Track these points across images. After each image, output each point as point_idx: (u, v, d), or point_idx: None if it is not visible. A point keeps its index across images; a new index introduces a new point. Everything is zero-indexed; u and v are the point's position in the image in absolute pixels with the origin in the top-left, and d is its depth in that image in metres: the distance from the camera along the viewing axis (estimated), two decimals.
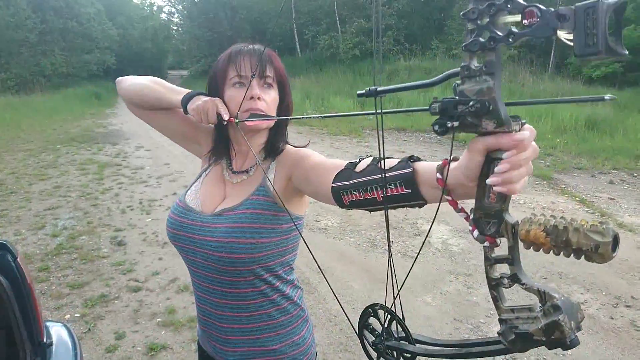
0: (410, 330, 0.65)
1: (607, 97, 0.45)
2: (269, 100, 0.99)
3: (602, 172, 6.00)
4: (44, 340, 1.43)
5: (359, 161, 0.78)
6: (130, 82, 1.15)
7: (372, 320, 0.73)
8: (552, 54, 13.13)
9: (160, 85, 1.10)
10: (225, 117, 0.96)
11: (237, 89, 0.98)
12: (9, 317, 1.33)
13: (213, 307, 1.05)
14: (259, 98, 0.96)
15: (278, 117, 1.00)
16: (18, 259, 1.35)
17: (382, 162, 0.69)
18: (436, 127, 0.52)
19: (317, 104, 12.35)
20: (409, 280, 3.39)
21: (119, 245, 4.09)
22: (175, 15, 30.70)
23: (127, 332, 2.79)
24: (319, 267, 0.80)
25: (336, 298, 0.88)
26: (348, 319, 0.78)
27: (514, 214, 0.53)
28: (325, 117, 0.84)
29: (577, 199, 4.99)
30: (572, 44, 0.42)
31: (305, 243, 0.98)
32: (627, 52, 0.43)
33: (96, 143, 9.11)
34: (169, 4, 29.89)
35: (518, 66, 12.88)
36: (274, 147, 1.06)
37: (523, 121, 0.51)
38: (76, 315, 2.98)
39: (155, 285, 3.35)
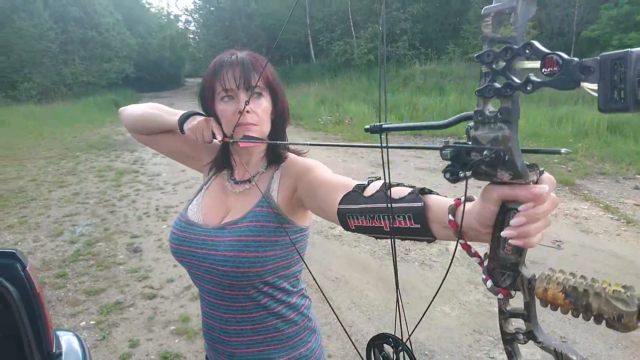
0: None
1: (563, 150, 0.47)
2: (259, 110, 0.97)
3: (627, 177, 5.80)
4: (54, 350, 1.42)
5: (368, 184, 0.75)
6: (129, 111, 1.19)
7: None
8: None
9: (157, 110, 1.13)
10: (219, 137, 0.98)
11: (227, 103, 0.98)
12: (18, 327, 1.32)
13: (217, 321, 1.04)
14: (247, 112, 0.95)
15: (271, 142, 1.01)
16: (27, 268, 1.33)
17: (390, 192, 0.66)
18: (447, 175, 0.49)
19: (331, 110, 12.33)
20: (427, 290, 3.24)
21: (134, 252, 4.10)
22: (192, 24, 31.24)
23: (141, 340, 2.78)
24: (316, 282, 0.76)
25: (335, 313, 0.83)
26: (349, 336, 0.73)
27: None
28: (313, 145, 0.82)
29: (602, 205, 4.82)
30: (595, 94, 0.39)
31: (303, 259, 0.96)
32: None
33: (114, 150, 9.25)
34: (186, 13, 30.46)
35: None
36: (275, 153, 1.04)
37: (541, 169, 0.47)
38: (91, 322, 2.98)
39: (170, 293, 3.34)
